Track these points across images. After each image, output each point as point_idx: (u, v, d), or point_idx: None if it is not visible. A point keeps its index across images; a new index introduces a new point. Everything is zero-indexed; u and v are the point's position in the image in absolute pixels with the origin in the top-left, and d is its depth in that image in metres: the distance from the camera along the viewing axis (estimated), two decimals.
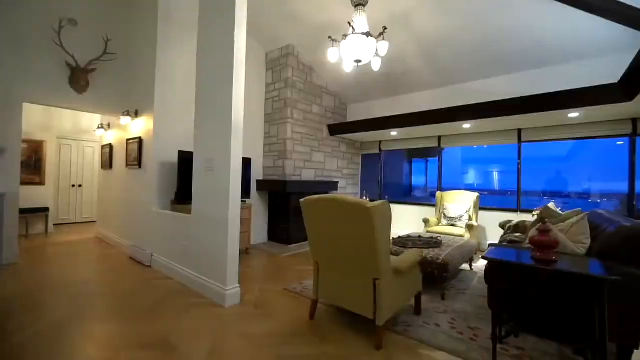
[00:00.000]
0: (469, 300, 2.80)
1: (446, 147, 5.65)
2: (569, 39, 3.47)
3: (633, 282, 1.75)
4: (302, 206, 2.26)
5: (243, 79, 2.71)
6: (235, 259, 2.67)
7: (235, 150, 2.63)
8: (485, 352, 1.92)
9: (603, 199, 7.27)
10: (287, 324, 2.28)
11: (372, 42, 2.68)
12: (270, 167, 5.23)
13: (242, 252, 4.40)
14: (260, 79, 5.29)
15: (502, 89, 4.25)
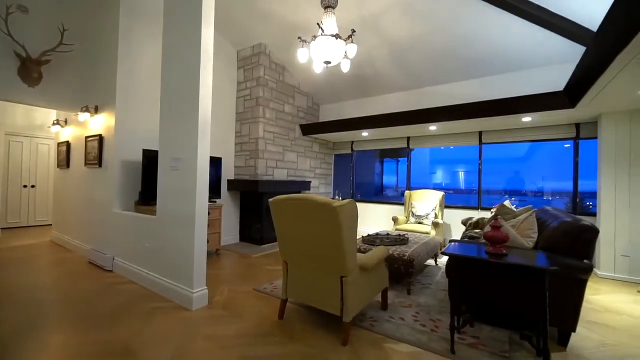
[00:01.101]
0: (433, 294, 2.94)
1: (415, 148, 5.88)
2: (522, 49, 3.74)
3: (571, 272, 1.94)
4: (271, 206, 2.26)
5: (210, 77, 2.65)
6: (203, 260, 2.61)
7: (202, 148, 2.57)
8: (445, 342, 2.03)
9: (555, 196, 7.90)
10: (255, 325, 2.27)
11: (341, 44, 2.74)
12: (241, 166, 5.15)
13: (212, 254, 4.31)
14: (231, 77, 5.19)
15: (465, 93, 4.49)
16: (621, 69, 2.28)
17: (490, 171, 8.51)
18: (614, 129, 3.53)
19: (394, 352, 1.94)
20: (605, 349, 2.02)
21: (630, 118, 3.45)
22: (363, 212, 6.25)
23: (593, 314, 2.56)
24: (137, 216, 3.27)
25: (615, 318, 2.49)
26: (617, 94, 2.87)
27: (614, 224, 3.51)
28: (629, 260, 3.41)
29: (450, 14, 3.54)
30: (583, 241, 1.98)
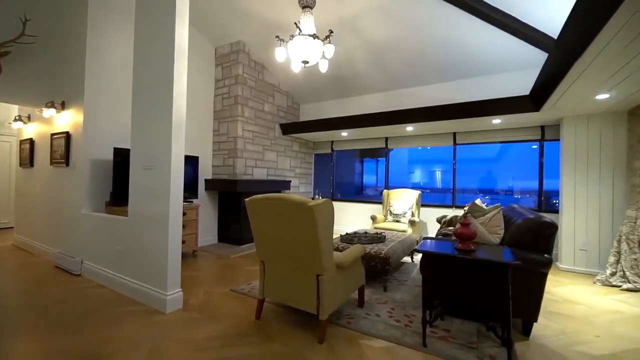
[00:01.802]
0: (408, 290, 3.03)
1: (393, 148, 6.01)
2: (493, 55, 3.92)
3: (534, 266, 2.06)
4: (247, 205, 2.25)
5: (185, 74, 2.59)
6: (177, 262, 2.55)
7: (176, 147, 2.51)
8: (417, 336, 2.09)
9: (525, 195, 8.34)
10: (231, 326, 2.25)
11: (318, 44, 2.75)
12: (219, 165, 5.06)
13: (189, 255, 4.22)
14: (209, 74, 5.09)
15: (440, 95, 4.65)
16: (578, 76, 2.45)
17: (465, 171, 8.84)
18: (574, 131, 3.79)
19: (369, 348, 1.99)
20: (564, 336, 2.16)
21: (588, 121, 3.71)
22: (343, 211, 6.32)
23: (554, 304, 2.73)
24: (108, 217, 3.14)
25: (573, 308, 2.67)
26: (576, 99, 3.07)
27: (573, 220, 3.76)
28: (586, 254, 3.67)
29: (425, 18, 3.65)
30: (544, 237, 2.11)
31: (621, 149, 3.54)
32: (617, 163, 3.56)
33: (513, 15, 3.32)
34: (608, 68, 2.29)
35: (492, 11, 3.32)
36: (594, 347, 2.03)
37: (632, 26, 1.73)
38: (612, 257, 3.28)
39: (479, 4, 3.28)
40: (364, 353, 1.92)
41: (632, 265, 3.11)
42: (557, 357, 1.91)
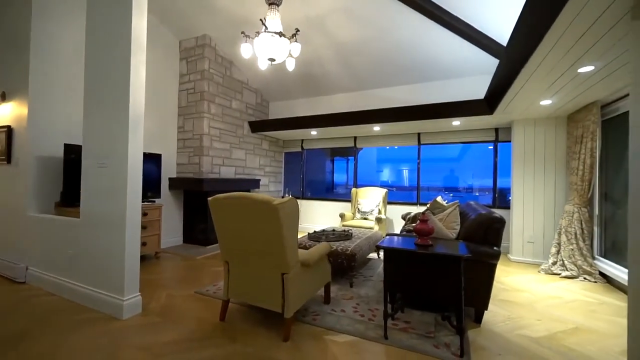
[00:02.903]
0: (374, 285, 3.13)
1: (362, 147, 6.14)
2: (453, 60, 4.15)
3: (484, 258, 2.22)
4: (210, 205, 2.20)
5: (143, 66, 2.47)
6: (135, 265, 2.43)
7: (134, 143, 2.39)
8: (380, 329, 2.17)
9: (484, 192, 8.92)
10: (194, 329, 2.19)
11: (284, 42, 2.74)
12: (185, 164, 4.87)
13: (151, 257, 4.03)
14: (173, 68, 4.87)
15: (405, 97, 4.84)
16: (524, 84, 2.67)
17: (430, 170, 9.24)
18: (523, 133, 4.12)
19: (333, 343, 2.03)
20: (510, 322, 2.36)
21: (535, 125, 4.06)
22: (313, 209, 6.37)
23: (504, 293, 2.97)
24: (57, 219, 2.90)
25: (519, 295, 2.92)
26: (523, 104, 3.35)
27: (522, 215, 4.10)
28: (533, 246, 4.02)
29: (389, 21, 3.77)
30: (493, 231, 2.28)
31: (561, 150, 3.92)
32: (558, 163, 3.94)
33: (471, 24, 3.53)
34: (548, 78, 2.53)
35: (452, 19, 3.50)
36: (535, 330, 2.24)
37: (562, 44, 1.94)
38: (554, 248, 3.62)
39: (440, 11, 3.45)
40: (328, 348, 1.96)
41: (570, 255, 3.46)
42: (503, 341, 2.08)
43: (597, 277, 3.29)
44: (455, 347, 1.97)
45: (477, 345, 2.03)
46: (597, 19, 1.67)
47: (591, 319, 2.43)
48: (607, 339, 2.13)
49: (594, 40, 1.90)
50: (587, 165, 3.36)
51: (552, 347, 2.01)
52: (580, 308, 2.65)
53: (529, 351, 1.96)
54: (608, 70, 2.38)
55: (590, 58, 2.16)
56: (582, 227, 3.45)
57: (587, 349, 1.99)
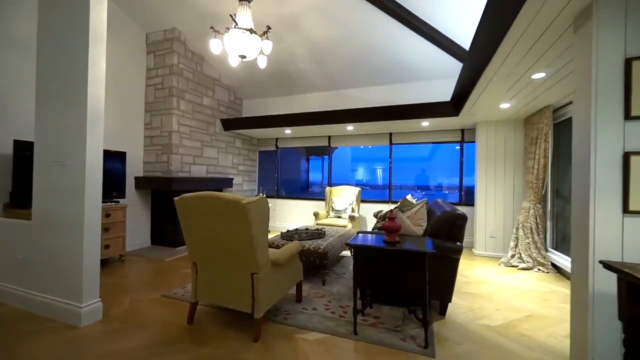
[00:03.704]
0: (346, 282, 3.18)
1: (336, 146, 6.20)
2: (422, 63, 4.30)
3: (447, 253, 2.34)
4: (177, 205, 2.13)
5: (103, 58, 2.34)
6: (95, 269, 2.30)
7: (93, 140, 2.26)
8: (350, 326, 2.22)
9: (453, 190, 9.35)
10: (160, 334, 2.11)
11: (255, 39, 2.71)
12: (152, 162, 4.66)
13: (115, 261, 3.83)
14: (139, 61, 4.63)
15: (377, 98, 4.95)
16: (485, 88, 2.83)
17: (403, 169, 9.53)
18: (485, 134, 4.37)
19: (304, 341, 2.04)
20: (471, 312, 2.50)
21: (496, 127, 4.32)
22: (288, 208, 6.34)
23: (467, 285, 3.14)
24: (5, 222, 2.67)
25: (481, 287, 3.10)
26: (485, 107, 3.55)
27: (485, 211, 4.35)
28: (494, 240, 4.28)
29: (361, 22, 3.84)
30: (456, 227, 2.41)
31: (519, 150, 4.20)
32: (516, 162, 4.22)
33: (439, 30, 3.68)
34: (505, 83, 2.70)
35: (420, 24, 3.62)
36: (493, 319, 2.39)
37: (516, 53, 2.10)
38: (512, 242, 3.88)
39: (409, 16, 3.56)
40: (298, 347, 1.97)
41: (526, 248, 3.73)
42: (464, 331, 2.20)
43: (550, 268, 3.57)
44: (421, 339, 2.05)
45: (441, 336, 2.14)
46: (545, 31, 1.81)
47: (543, 307, 2.64)
48: (556, 324, 2.32)
49: (544, 50, 2.06)
50: (541, 164, 3.62)
51: (508, 335, 2.16)
52: (534, 297, 2.86)
53: (487, 339, 2.10)
54: (558, 77, 2.58)
55: (541, 66, 2.34)
56: (537, 222, 3.72)
57: (537, 335, 2.16)
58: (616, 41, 1.50)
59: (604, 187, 1.53)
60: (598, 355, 1.52)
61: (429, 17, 3.57)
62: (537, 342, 2.06)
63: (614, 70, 1.51)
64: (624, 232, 1.50)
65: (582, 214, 1.64)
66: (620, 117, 1.50)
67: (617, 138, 1.51)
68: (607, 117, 1.52)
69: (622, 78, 1.50)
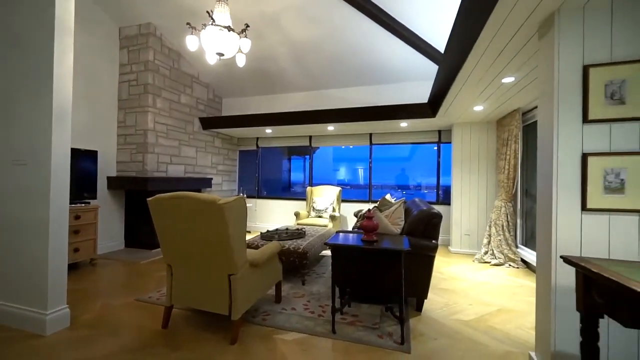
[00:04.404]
0: (325, 282, 3.20)
1: (318, 146, 6.21)
2: (400, 65, 4.39)
3: (423, 251, 2.40)
4: (150, 205, 2.07)
5: (71, 52, 2.22)
6: (61, 274, 2.19)
7: (59, 138, 2.14)
8: (329, 325, 2.23)
9: (432, 190, 9.61)
10: (133, 339, 2.04)
11: (233, 37, 2.67)
12: (126, 161, 4.49)
13: (85, 265, 3.66)
14: (111, 56, 4.44)
15: (357, 98, 5.00)
16: (459, 90, 2.93)
17: (383, 169, 9.66)
18: (461, 136, 4.53)
19: (282, 341, 2.04)
20: (446, 308, 2.59)
21: (471, 128, 4.49)
22: (269, 208, 6.29)
23: (443, 282, 3.24)
24: None
25: (456, 283, 3.21)
26: (460, 109, 3.68)
27: (460, 210, 4.51)
28: (469, 238, 4.45)
29: (340, 23, 3.87)
30: (432, 225, 2.48)
31: (492, 151, 4.39)
32: (489, 163, 4.40)
33: (416, 33, 3.77)
34: (478, 86, 2.81)
35: (399, 27, 3.70)
36: (467, 314, 2.48)
37: (487, 58, 2.20)
38: (485, 239, 4.05)
39: (388, 18, 3.63)
40: (277, 348, 1.96)
41: (498, 244, 3.90)
42: (439, 326, 2.27)
43: (519, 263, 3.75)
44: (397, 336, 2.10)
45: (417, 331, 2.19)
46: (512, 37, 1.90)
47: (512, 301, 2.76)
48: (523, 316, 2.44)
49: (512, 55, 2.16)
50: (511, 165, 3.80)
51: (479, 328, 2.25)
52: (505, 292, 3.00)
53: (460, 333, 2.17)
54: (526, 82, 2.72)
55: (510, 70, 2.45)
56: (507, 219, 3.90)
57: (506, 327, 2.26)
58: (575, 49, 1.60)
59: (564, 186, 1.62)
60: (560, 345, 1.62)
61: (407, 20, 3.65)
62: (506, 335, 2.16)
63: (574, 77, 1.61)
64: (582, 229, 1.60)
65: (545, 211, 1.73)
66: (579, 120, 1.60)
67: (577, 140, 1.61)
68: (568, 120, 1.62)
69: (581, 84, 1.60)
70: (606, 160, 1.55)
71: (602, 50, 1.56)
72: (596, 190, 1.56)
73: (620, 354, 1.53)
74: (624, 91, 1.52)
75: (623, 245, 1.54)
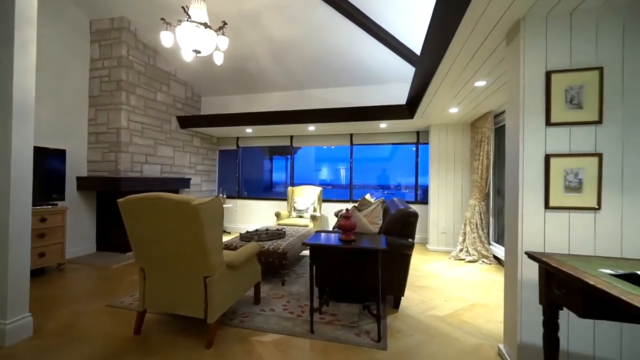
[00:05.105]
0: (305, 282, 3.19)
1: (300, 146, 6.19)
2: (380, 66, 4.45)
3: (400, 250, 2.45)
4: (121, 207, 1.99)
5: (33, 44, 2.10)
6: (23, 280, 2.06)
7: (21, 136, 2.02)
8: (307, 325, 2.23)
9: (411, 189, 9.83)
10: (103, 347, 1.96)
11: (210, 34, 2.62)
12: (98, 161, 4.29)
13: (52, 270, 3.47)
14: (81, 50, 4.23)
15: (338, 99, 5.03)
16: (434, 93, 3.02)
17: (365, 169, 9.76)
18: (438, 137, 4.66)
19: (259, 343, 2.02)
20: (422, 304, 2.65)
21: (447, 130, 4.63)
22: (249, 209, 6.21)
23: (420, 279, 3.32)
24: None
25: (432, 280, 3.30)
26: (436, 110, 3.79)
27: (437, 209, 4.64)
28: (445, 236, 4.59)
29: (320, 23, 3.87)
30: (408, 224, 2.53)
31: (467, 152, 4.55)
32: (464, 163, 4.56)
33: (394, 35, 3.84)
34: (452, 89, 2.91)
35: (378, 29, 3.75)
36: (442, 310, 2.55)
37: (459, 62, 2.28)
38: (460, 237, 4.19)
39: (367, 21, 3.67)
40: (254, 350, 1.95)
41: (472, 242, 4.04)
42: (415, 322, 2.33)
43: (492, 259, 3.91)
44: (375, 334, 2.13)
45: (394, 328, 2.23)
46: (482, 42, 1.97)
47: (485, 296, 2.88)
48: (494, 310, 2.54)
49: (483, 60, 2.25)
50: (484, 165, 3.95)
51: (453, 323, 2.32)
52: (478, 287, 3.11)
53: (435, 329, 2.24)
54: (497, 86, 2.84)
55: (482, 74, 2.55)
56: (481, 218, 4.05)
57: (478, 321, 2.35)
58: (539, 55, 1.69)
59: (530, 185, 1.71)
60: (525, 336, 1.70)
61: (383, 21, 3.70)
62: (477, 328, 2.25)
63: (538, 82, 1.70)
64: (546, 226, 1.69)
65: (512, 210, 1.82)
66: (542, 123, 1.69)
67: (540, 142, 1.70)
68: (532, 123, 1.71)
69: (544, 89, 1.68)
70: (566, 161, 1.64)
71: (563, 57, 1.66)
72: (558, 189, 1.65)
73: (579, 343, 1.63)
74: (582, 96, 1.62)
75: (581, 241, 1.64)
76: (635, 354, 1.58)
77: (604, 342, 1.60)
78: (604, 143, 1.61)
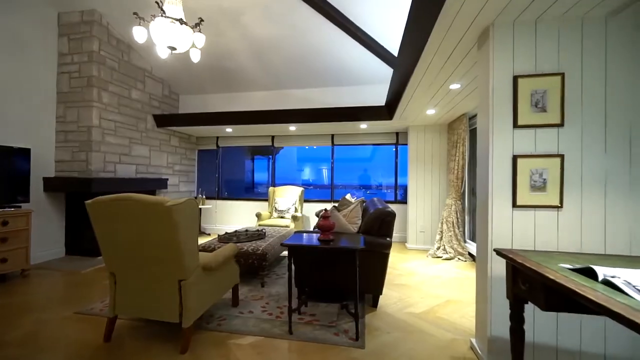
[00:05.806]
0: (285, 283, 3.17)
1: (282, 146, 6.15)
2: (360, 68, 4.50)
3: (378, 249, 2.48)
4: (89, 209, 1.92)
5: None
6: None
7: None
8: (286, 326, 2.22)
9: (392, 189, 10.00)
10: (70, 356, 1.86)
11: (186, 30, 2.55)
12: (67, 161, 4.08)
13: (15, 277, 3.27)
14: (48, 44, 4.01)
15: (319, 99, 5.04)
16: (412, 95, 3.09)
17: (347, 169, 9.85)
18: (416, 138, 4.78)
19: (237, 346, 1.99)
20: (400, 302, 2.71)
21: (425, 131, 4.75)
22: (230, 210, 6.11)
23: (398, 277, 3.38)
24: None
25: (411, 278, 3.38)
26: (414, 112, 3.88)
27: (415, 208, 4.75)
28: (424, 235, 4.70)
29: (302, 24, 3.87)
30: (386, 223, 2.57)
31: (444, 153, 4.68)
32: (441, 163, 4.69)
33: (374, 37, 3.89)
34: (428, 92, 2.99)
35: (357, 30, 3.79)
36: (418, 307, 2.62)
37: (435, 66, 2.35)
38: (438, 235, 4.31)
39: (347, 22, 3.70)
40: (231, 353, 1.91)
41: (449, 240, 4.17)
42: (393, 320, 2.37)
43: (467, 257, 4.04)
44: (353, 332, 2.15)
45: (372, 327, 2.26)
46: (455, 47, 2.04)
47: (459, 292, 2.97)
48: (468, 306, 2.63)
49: (457, 64, 2.32)
50: (460, 165, 4.08)
51: (429, 319, 2.38)
52: (453, 284, 3.21)
53: (412, 325, 2.29)
54: (470, 89, 2.94)
55: (456, 78, 2.63)
56: (457, 216, 4.18)
57: (452, 317, 2.43)
58: (507, 60, 1.76)
59: (499, 184, 1.78)
60: (495, 330, 1.77)
61: (362, 22, 3.74)
62: (452, 324, 2.32)
63: (506, 85, 1.77)
64: (513, 224, 1.77)
65: (483, 208, 1.89)
66: (510, 125, 1.77)
67: (508, 143, 1.77)
68: (501, 125, 1.78)
69: (512, 92, 1.76)
70: (532, 161, 1.72)
71: (529, 63, 1.74)
72: (524, 188, 1.73)
73: (544, 334, 1.72)
74: (546, 100, 1.70)
75: (545, 238, 1.73)
76: (594, 342, 1.68)
77: (566, 333, 1.70)
78: (565, 145, 1.71)
